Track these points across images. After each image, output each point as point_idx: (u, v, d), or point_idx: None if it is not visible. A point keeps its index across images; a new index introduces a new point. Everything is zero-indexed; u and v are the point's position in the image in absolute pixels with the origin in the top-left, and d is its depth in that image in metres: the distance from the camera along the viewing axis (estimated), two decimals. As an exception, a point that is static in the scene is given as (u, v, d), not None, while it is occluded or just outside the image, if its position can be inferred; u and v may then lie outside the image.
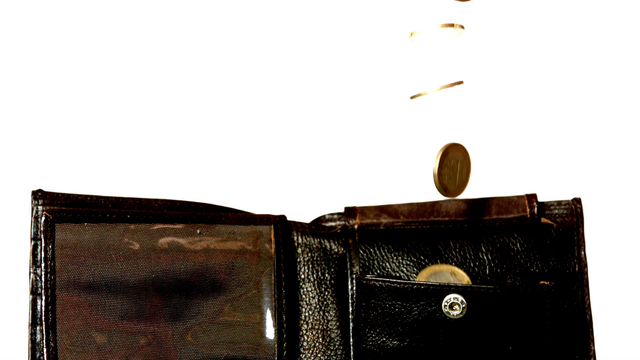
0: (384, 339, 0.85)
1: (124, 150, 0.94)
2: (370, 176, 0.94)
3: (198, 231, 0.90)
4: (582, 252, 0.89)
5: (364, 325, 0.85)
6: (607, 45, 0.93)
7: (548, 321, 0.82)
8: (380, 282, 0.84)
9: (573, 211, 0.90)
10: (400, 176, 0.93)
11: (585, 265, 0.88)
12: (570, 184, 0.91)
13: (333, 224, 0.92)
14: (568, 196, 0.90)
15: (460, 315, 0.82)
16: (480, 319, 0.82)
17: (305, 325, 0.90)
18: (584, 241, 0.89)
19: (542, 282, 0.82)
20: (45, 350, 0.86)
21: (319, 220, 0.92)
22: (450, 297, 0.83)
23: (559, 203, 0.90)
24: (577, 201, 0.90)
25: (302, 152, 0.94)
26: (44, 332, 0.87)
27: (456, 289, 0.82)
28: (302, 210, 0.92)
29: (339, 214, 0.92)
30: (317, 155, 0.94)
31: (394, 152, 0.94)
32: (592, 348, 0.87)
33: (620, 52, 0.93)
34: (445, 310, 0.83)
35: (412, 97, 0.86)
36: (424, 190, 0.92)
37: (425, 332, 0.83)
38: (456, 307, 0.83)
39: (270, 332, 0.89)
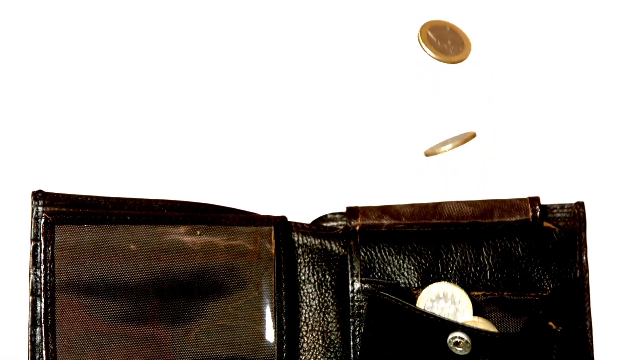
0: (389, 353, 0.85)
1: (124, 151, 0.93)
2: (371, 176, 0.93)
3: (198, 232, 0.90)
4: (584, 257, 0.88)
5: (371, 336, 0.85)
6: (610, 48, 0.92)
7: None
8: (393, 301, 0.84)
9: (575, 215, 0.89)
10: (402, 176, 0.93)
11: (587, 271, 0.87)
12: (573, 187, 0.91)
13: (334, 224, 0.91)
14: (571, 199, 0.90)
15: (465, 353, 0.83)
16: (484, 357, 0.82)
17: (306, 327, 0.90)
18: (585, 246, 0.88)
19: (549, 323, 0.81)
20: (44, 352, 0.87)
21: (320, 220, 0.92)
22: (456, 335, 0.83)
23: (562, 206, 0.89)
24: (579, 205, 0.89)
25: (303, 152, 0.94)
26: (43, 334, 0.87)
27: (462, 328, 0.82)
28: (302, 211, 0.91)
29: (340, 213, 0.92)
30: (318, 155, 0.94)
31: (396, 152, 0.93)
32: (592, 355, 0.87)
33: (623, 55, 0.92)
34: (450, 345, 0.83)
35: (426, 154, 0.86)
36: (426, 191, 0.92)
37: (429, 359, 0.83)
38: (461, 344, 0.83)
39: (270, 334, 0.89)
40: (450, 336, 0.83)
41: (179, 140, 0.94)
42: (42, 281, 0.87)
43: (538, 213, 0.88)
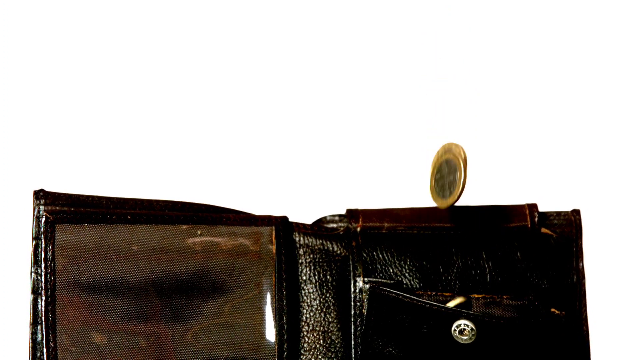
0: (391, 349, 0.86)
1: (126, 151, 0.93)
2: (372, 178, 0.94)
3: (199, 232, 0.90)
4: (580, 264, 0.90)
5: (372, 333, 0.86)
6: (606, 58, 0.94)
7: (557, 347, 0.83)
8: (394, 294, 0.85)
9: (572, 222, 0.91)
10: (402, 179, 0.94)
11: (583, 277, 0.90)
12: (570, 195, 0.93)
13: (334, 225, 0.92)
14: (567, 207, 0.92)
15: (469, 341, 0.84)
16: (488, 345, 0.83)
17: (306, 327, 0.90)
18: (582, 253, 0.90)
19: (552, 309, 0.83)
20: (45, 350, 0.86)
21: (320, 222, 0.92)
22: (460, 323, 0.84)
23: (559, 214, 0.92)
24: (576, 212, 0.92)
25: (304, 154, 0.94)
26: (44, 332, 0.86)
27: (467, 315, 0.83)
28: (303, 212, 0.92)
29: (340, 215, 0.92)
30: (318, 157, 0.94)
31: (397, 154, 0.94)
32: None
33: (619, 64, 0.94)
34: (455, 334, 0.84)
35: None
36: (426, 195, 0.93)
37: (432, 350, 0.84)
38: (466, 332, 0.84)
39: (270, 334, 0.89)
40: (455, 324, 0.84)
41: (180, 141, 0.93)
42: (43, 280, 0.87)
43: (536, 219, 0.90)
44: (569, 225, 0.91)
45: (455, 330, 0.84)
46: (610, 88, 0.93)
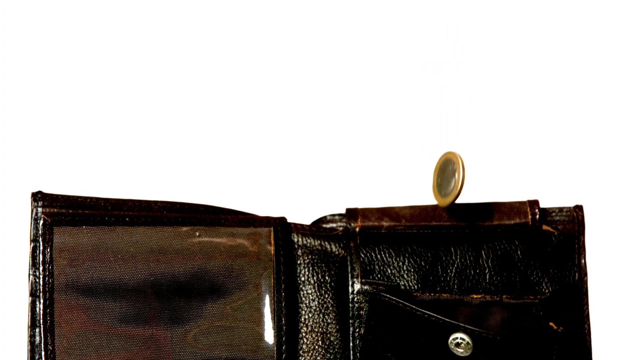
0: (389, 354, 0.85)
1: (124, 152, 0.93)
2: (371, 178, 0.94)
3: (197, 233, 0.90)
4: (583, 261, 0.89)
5: (372, 337, 0.86)
6: (610, 51, 0.93)
7: (555, 358, 0.82)
8: (395, 301, 0.85)
9: (574, 218, 0.89)
10: (402, 178, 0.93)
11: (585, 274, 0.88)
12: (572, 191, 0.91)
13: (334, 225, 0.92)
14: (569, 203, 0.90)
15: (466, 354, 0.83)
16: (485, 359, 0.82)
17: (305, 328, 0.90)
18: (584, 249, 0.89)
19: (550, 323, 0.82)
20: (43, 352, 0.87)
21: (320, 222, 0.92)
22: (457, 336, 0.83)
23: (560, 210, 0.90)
24: (578, 208, 0.90)
25: (302, 154, 0.94)
26: (43, 335, 0.87)
27: (464, 329, 0.82)
28: (302, 213, 0.92)
29: (339, 215, 0.92)
30: (317, 157, 0.94)
31: (396, 153, 0.94)
32: (591, 358, 0.87)
33: (621, 60, 0.93)
34: (451, 346, 0.83)
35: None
36: (426, 193, 0.93)
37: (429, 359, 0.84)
38: (462, 346, 0.83)
39: (269, 335, 0.89)
40: (452, 337, 0.83)
41: (178, 141, 0.94)
42: (41, 282, 0.87)
43: (537, 216, 0.89)
44: (571, 222, 0.89)
45: (452, 342, 0.83)
46: (612, 83, 0.92)
